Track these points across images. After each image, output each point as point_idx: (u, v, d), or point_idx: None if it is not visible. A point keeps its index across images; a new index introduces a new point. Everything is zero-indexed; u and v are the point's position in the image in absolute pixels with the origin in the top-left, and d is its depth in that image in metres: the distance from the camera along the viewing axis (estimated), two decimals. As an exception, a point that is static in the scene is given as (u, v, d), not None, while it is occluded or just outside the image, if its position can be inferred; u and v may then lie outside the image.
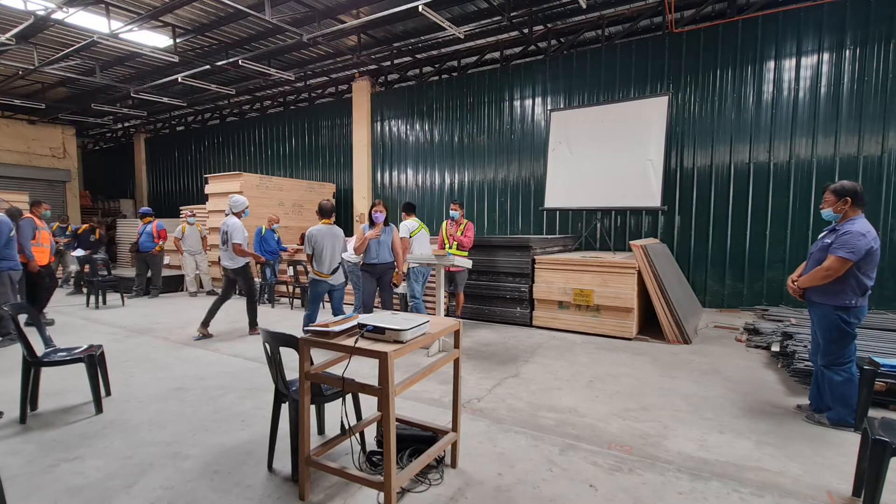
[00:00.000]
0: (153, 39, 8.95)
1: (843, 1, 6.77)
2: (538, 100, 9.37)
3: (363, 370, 4.29)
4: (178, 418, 3.40)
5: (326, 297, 5.43)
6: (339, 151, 12.60)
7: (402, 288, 6.74)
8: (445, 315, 5.95)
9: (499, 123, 9.88)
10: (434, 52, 10.50)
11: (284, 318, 7.22)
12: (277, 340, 2.57)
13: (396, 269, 5.34)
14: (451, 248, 6.01)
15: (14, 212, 6.15)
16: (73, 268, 9.78)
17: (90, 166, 19.72)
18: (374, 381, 2.13)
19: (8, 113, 14.50)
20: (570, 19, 8.82)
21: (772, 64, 7.27)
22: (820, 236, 3.36)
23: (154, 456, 2.84)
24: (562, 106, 8.97)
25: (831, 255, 3.07)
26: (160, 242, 8.91)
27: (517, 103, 9.64)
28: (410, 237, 5.79)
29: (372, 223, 5.18)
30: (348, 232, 9.95)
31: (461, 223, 6.12)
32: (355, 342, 2.19)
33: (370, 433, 3.02)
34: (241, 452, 2.88)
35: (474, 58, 10.26)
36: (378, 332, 2.22)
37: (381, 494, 2.28)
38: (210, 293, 9.44)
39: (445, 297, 5.70)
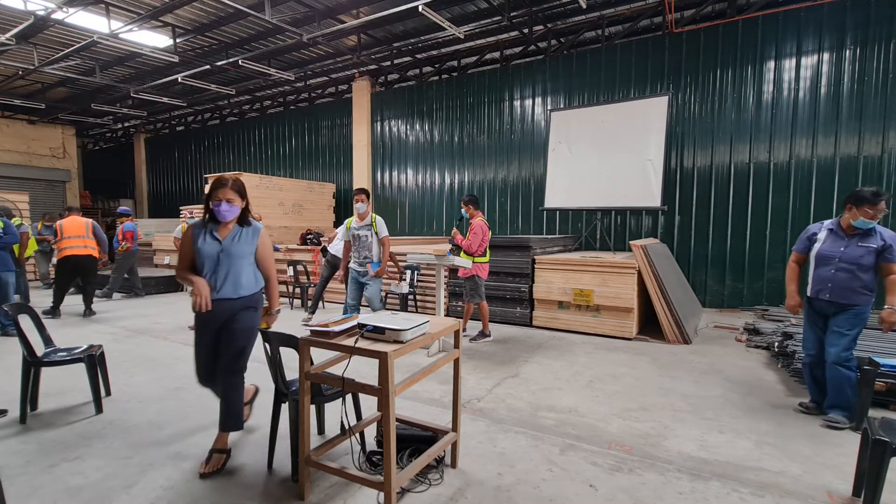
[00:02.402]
0: (153, 39, 8.95)
1: (843, 1, 6.77)
2: (538, 100, 9.37)
3: (363, 370, 4.29)
4: (178, 418, 3.40)
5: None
6: (339, 151, 12.61)
7: (400, 287, 6.73)
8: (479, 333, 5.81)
9: (499, 123, 9.88)
10: (434, 52, 10.50)
11: (284, 318, 7.21)
12: (277, 340, 2.57)
13: (268, 310, 2.93)
14: (461, 252, 5.49)
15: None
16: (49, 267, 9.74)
17: (90, 166, 19.73)
18: (374, 381, 2.13)
19: (8, 113, 14.50)
20: (570, 19, 8.82)
21: (772, 64, 7.27)
22: (828, 241, 3.32)
23: (154, 456, 2.84)
24: (562, 106, 8.97)
25: None
26: (123, 244, 8.68)
27: (517, 103, 9.64)
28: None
29: (214, 220, 2.70)
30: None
31: (473, 222, 5.53)
32: (355, 342, 2.19)
33: (370, 433, 3.02)
34: (242, 452, 2.88)
35: (474, 58, 10.27)
36: (378, 332, 2.22)
37: (381, 494, 2.28)
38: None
39: (445, 299, 5.67)
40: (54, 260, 8.23)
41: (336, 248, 6.77)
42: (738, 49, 7.47)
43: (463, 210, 5.67)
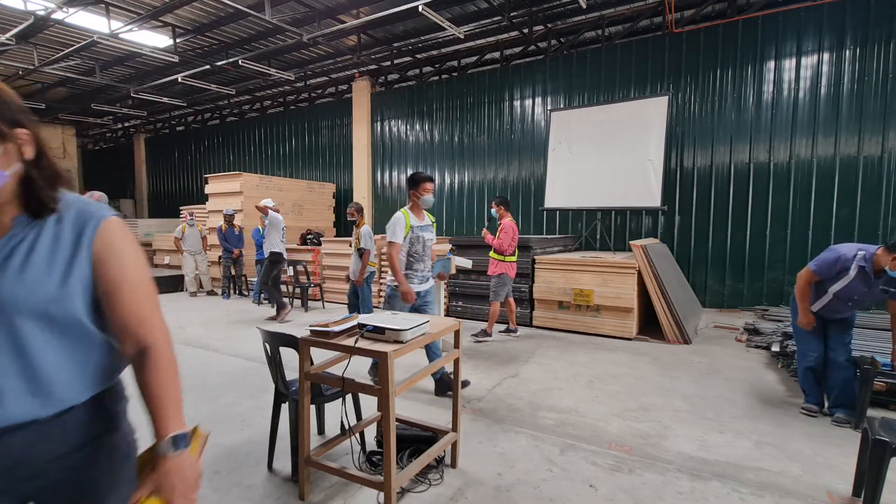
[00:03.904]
0: (153, 39, 8.95)
1: (843, 1, 6.77)
2: (538, 100, 9.37)
3: (363, 370, 4.29)
4: (178, 418, 3.40)
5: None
6: (339, 151, 12.60)
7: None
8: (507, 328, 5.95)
9: (499, 123, 9.88)
10: (434, 52, 10.49)
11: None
12: (277, 340, 2.57)
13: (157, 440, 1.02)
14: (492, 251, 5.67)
15: None
16: None
17: (90, 166, 19.71)
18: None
19: (8, 113, 14.49)
20: (570, 19, 8.82)
21: (772, 64, 7.27)
22: (855, 281, 3.10)
23: (154, 456, 2.84)
24: (562, 106, 8.97)
25: None
26: None
27: (517, 103, 9.63)
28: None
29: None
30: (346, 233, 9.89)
31: (502, 222, 5.63)
32: (355, 342, 2.19)
33: (370, 433, 3.02)
34: (241, 452, 2.88)
35: (474, 58, 10.26)
36: (378, 332, 2.22)
37: (381, 494, 2.28)
38: (210, 293, 9.44)
39: (445, 299, 5.68)
40: None
41: (281, 247, 6.76)
42: (738, 49, 7.47)
43: (493, 210, 5.78)
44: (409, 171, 11.22)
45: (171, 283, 9.82)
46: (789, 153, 7.20)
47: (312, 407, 2.71)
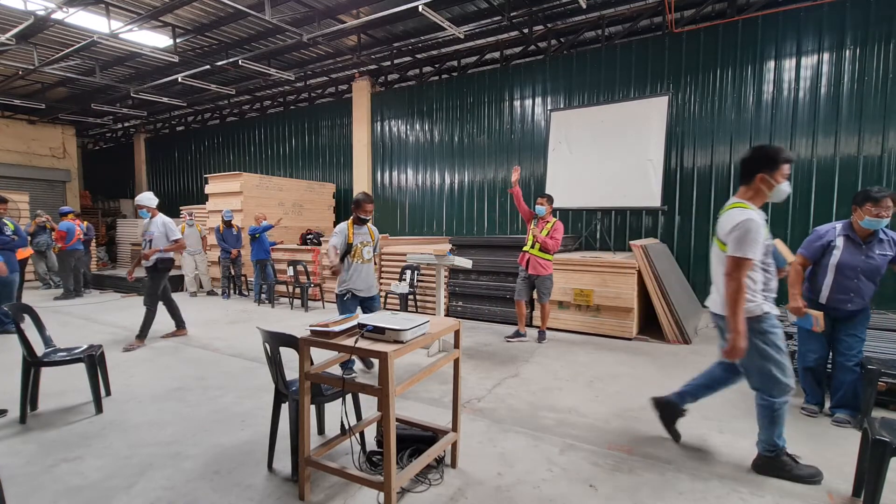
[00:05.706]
0: (153, 39, 8.94)
1: (843, 1, 6.77)
2: (538, 100, 9.37)
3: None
4: (178, 418, 3.40)
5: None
6: (339, 151, 12.60)
7: (400, 287, 6.73)
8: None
9: (499, 123, 9.88)
10: (434, 52, 10.49)
11: (283, 317, 7.22)
12: (277, 340, 2.57)
13: None
14: (530, 247, 5.48)
15: None
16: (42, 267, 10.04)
17: (90, 166, 19.71)
18: (374, 381, 2.13)
19: (8, 113, 14.49)
20: (570, 19, 8.82)
21: (772, 64, 7.27)
22: (847, 251, 3.18)
23: (154, 456, 2.84)
24: (562, 106, 8.97)
25: None
26: (55, 244, 8.95)
27: (517, 103, 9.63)
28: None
29: None
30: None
31: (549, 221, 5.52)
32: (355, 342, 2.19)
33: (370, 433, 3.02)
34: (241, 452, 2.88)
35: (474, 58, 10.26)
36: (378, 332, 2.22)
37: (381, 494, 2.28)
38: (210, 293, 9.44)
39: (445, 299, 5.67)
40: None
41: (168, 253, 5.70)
42: (738, 49, 7.46)
43: (542, 207, 5.56)
44: (410, 171, 11.21)
45: (171, 284, 9.80)
46: (789, 153, 7.19)
47: (312, 407, 2.71)
